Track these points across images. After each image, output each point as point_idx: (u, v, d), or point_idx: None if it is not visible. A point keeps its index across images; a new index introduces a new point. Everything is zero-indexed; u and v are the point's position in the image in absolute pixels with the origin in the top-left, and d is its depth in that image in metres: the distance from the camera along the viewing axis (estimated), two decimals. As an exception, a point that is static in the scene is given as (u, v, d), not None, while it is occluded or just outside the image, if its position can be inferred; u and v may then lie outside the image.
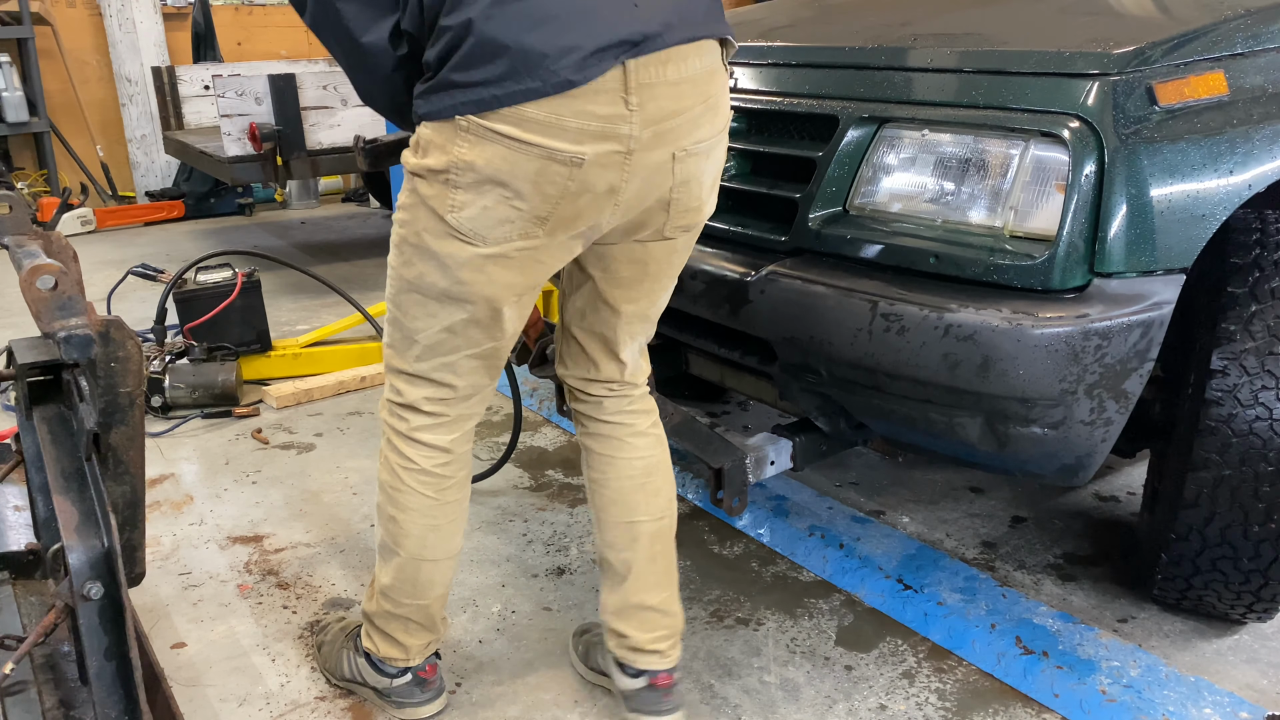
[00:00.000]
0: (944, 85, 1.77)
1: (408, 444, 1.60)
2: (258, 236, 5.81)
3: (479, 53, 1.31)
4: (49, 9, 6.21)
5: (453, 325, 1.49)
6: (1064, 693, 1.84)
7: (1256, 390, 1.70)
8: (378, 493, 1.67)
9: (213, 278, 3.36)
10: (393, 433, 1.62)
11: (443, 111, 1.35)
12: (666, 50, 1.35)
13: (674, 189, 1.45)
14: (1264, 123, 1.65)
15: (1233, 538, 1.78)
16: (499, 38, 1.30)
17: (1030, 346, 1.54)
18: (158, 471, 2.80)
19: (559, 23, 1.30)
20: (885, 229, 1.78)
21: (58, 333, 1.19)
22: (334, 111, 4.38)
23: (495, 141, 1.33)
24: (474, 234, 1.40)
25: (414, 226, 1.44)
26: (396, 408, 1.60)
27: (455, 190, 1.38)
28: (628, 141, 1.35)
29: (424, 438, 1.60)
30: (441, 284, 1.45)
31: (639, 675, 1.74)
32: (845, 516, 2.46)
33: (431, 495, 1.62)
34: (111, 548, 1.07)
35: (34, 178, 6.18)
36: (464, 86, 1.32)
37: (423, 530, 1.64)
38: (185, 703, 1.85)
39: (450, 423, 1.60)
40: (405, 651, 1.74)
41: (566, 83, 1.30)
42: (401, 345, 1.55)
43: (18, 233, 1.48)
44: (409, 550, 1.65)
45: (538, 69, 1.30)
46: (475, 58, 1.31)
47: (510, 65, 1.30)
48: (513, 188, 1.36)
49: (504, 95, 1.31)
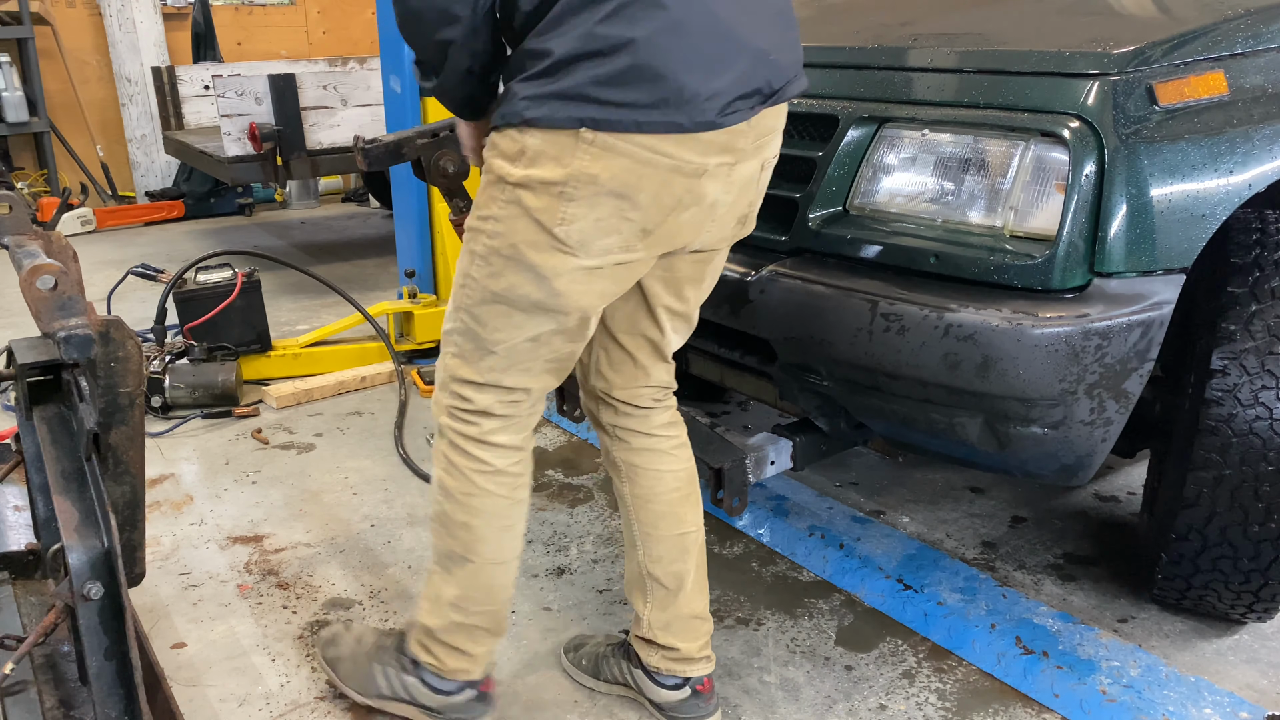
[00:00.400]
0: (944, 85, 1.77)
1: (481, 448, 1.55)
2: (258, 236, 5.81)
3: (634, 76, 1.27)
4: (49, 9, 6.21)
5: (539, 335, 1.45)
6: (1064, 693, 1.84)
7: (1256, 390, 1.70)
8: (441, 502, 1.60)
9: (213, 278, 3.36)
10: (462, 439, 1.55)
11: (566, 122, 1.29)
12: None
13: (753, 201, 1.51)
14: (1264, 123, 1.65)
15: (1233, 538, 1.78)
16: (659, 67, 1.27)
17: (1030, 346, 1.54)
18: (158, 471, 2.80)
19: (714, 65, 1.30)
20: (885, 229, 1.78)
21: (58, 333, 1.19)
22: (334, 111, 4.38)
23: (623, 155, 1.30)
24: (579, 246, 1.35)
25: (510, 238, 1.38)
26: (464, 414, 1.54)
27: (568, 203, 1.33)
28: (739, 154, 1.39)
29: (498, 439, 1.55)
30: (535, 295, 1.41)
31: (683, 685, 1.75)
32: (845, 516, 2.46)
33: (505, 495, 1.58)
34: (111, 548, 1.07)
35: (34, 178, 6.18)
36: (602, 103, 1.27)
37: (498, 533, 1.59)
38: (185, 703, 1.85)
39: (522, 421, 1.56)
40: (472, 662, 1.69)
41: (709, 124, 1.32)
42: (474, 355, 1.49)
43: (18, 233, 1.48)
44: (484, 555, 1.60)
45: (687, 106, 1.29)
46: (628, 79, 1.27)
47: (663, 97, 1.28)
48: (632, 200, 1.33)
49: (647, 123, 1.28)
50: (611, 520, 2.48)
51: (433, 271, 3.74)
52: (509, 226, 1.38)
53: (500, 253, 1.40)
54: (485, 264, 1.43)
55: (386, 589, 2.22)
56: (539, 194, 1.33)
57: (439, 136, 1.94)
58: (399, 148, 1.93)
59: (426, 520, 2.35)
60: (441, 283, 3.73)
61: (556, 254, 1.37)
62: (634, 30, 1.25)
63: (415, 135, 1.94)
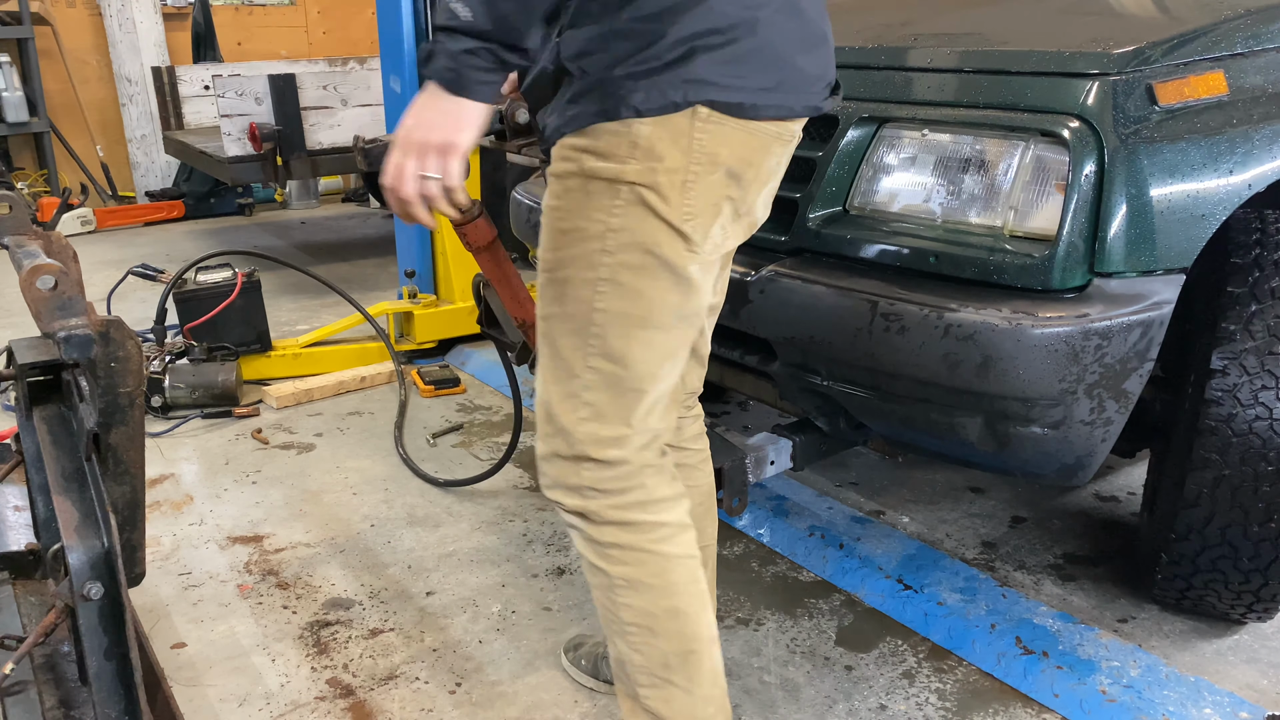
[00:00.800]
0: (944, 85, 1.77)
1: (652, 509, 1.31)
2: (258, 236, 5.81)
3: (757, 58, 1.20)
4: (49, 9, 6.21)
5: (679, 352, 1.30)
6: (1064, 693, 1.84)
7: (1256, 390, 1.70)
8: (628, 606, 1.31)
9: (213, 278, 3.36)
10: (621, 512, 1.29)
11: (680, 104, 1.17)
12: None
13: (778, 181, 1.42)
14: (1264, 123, 1.65)
15: (1233, 537, 1.78)
16: (780, 49, 1.22)
17: (1030, 346, 1.54)
18: (158, 471, 2.80)
19: (814, 48, 1.28)
20: (885, 229, 1.78)
21: (58, 333, 1.19)
22: (334, 111, 4.38)
23: (738, 129, 1.22)
24: (701, 237, 1.24)
25: (642, 245, 1.21)
26: (615, 484, 1.29)
27: (689, 191, 1.21)
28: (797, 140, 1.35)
29: (665, 492, 1.32)
30: (678, 303, 1.26)
31: None
32: (845, 516, 2.46)
33: (693, 552, 1.35)
34: (111, 548, 1.07)
35: (34, 178, 6.18)
36: (722, 86, 1.18)
37: (699, 603, 1.34)
38: (185, 703, 1.85)
39: (668, 461, 1.35)
40: None
41: (815, 109, 1.29)
42: (619, 407, 1.27)
43: (18, 233, 1.48)
44: (703, 635, 1.34)
45: (803, 91, 1.26)
46: (750, 60, 1.20)
47: (782, 79, 1.23)
48: (739, 179, 1.25)
49: (765, 106, 1.22)
50: (611, 520, 2.48)
51: (432, 271, 3.74)
52: (637, 233, 1.21)
53: (631, 266, 1.22)
54: (616, 288, 1.23)
55: (386, 589, 2.22)
56: (664, 187, 1.20)
57: None
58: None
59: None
60: (441, 283, 3.73)
61: (687, 253, 1.24)
62: (755, 9, 1.18)
63: None
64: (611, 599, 1.32)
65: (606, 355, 1.26)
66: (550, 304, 1.28)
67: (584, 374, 1.27)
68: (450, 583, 2.24)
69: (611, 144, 1.20)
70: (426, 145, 1.18)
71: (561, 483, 1.31)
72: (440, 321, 3.65)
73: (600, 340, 1.25)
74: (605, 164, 1.20)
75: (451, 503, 2.60)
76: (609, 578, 1.31)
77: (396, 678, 1.93)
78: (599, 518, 1.30)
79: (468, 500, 2.61)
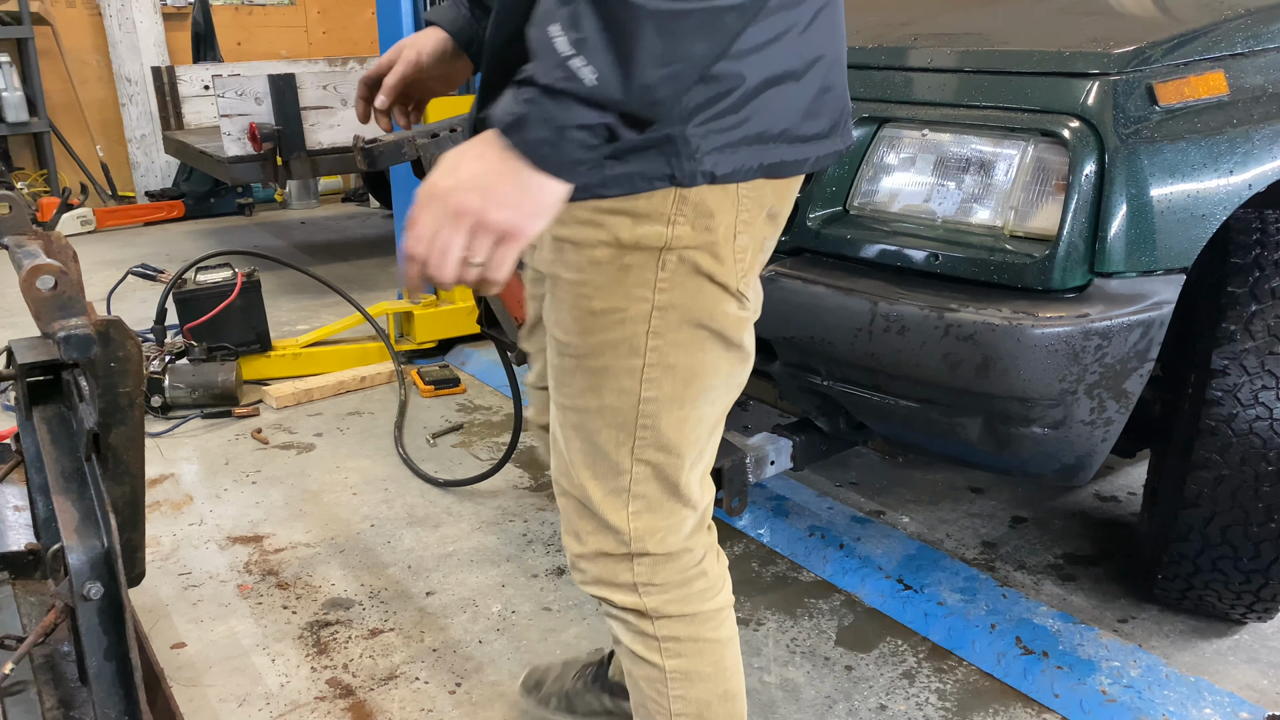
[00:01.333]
0: (944, 85, 1.77)
1: (714, 597, 1.20)
2: (258, 236, 5.81)
3: (822, 100, 1.04)
4: (49, 9, 6.21)
5: (724, 418, 1.18)
6: (1064, 693, 1.84)
7: (1257, 390, 1.70)
8: (684, 691, 1.21)
9: (212, 278, 3.36)
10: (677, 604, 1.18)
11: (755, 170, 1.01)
12: None
13: None
14: (1264, 122, 1.65)
15: (1233, 537, 1.78)
16: (838, 85, 1.06)
17: (1030, 346, 1.54)
18: (158, 471, 2.80)
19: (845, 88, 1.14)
20: (885, 229, 1.78)
21: (58, 333, 1.19)
22: (334, 111, 4.38)
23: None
24: (754, 295, 1.12)
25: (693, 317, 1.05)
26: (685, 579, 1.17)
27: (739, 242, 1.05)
28: None
29: (720, 572, 1.22)
30: (728, 372, 1.12)
31: None
32: (845, 516, 2.46)
33: (736, 627, 1.25)
34: (111, 548, 1.07)
35: (34, 178, 6.18)
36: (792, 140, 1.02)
37: (742, 679, 1.27)
38: (185, 703, 1.85)
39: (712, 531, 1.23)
40: None
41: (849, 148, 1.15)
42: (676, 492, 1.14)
43: (18, 233, 1.48)
44: (743, 712, 1.27)
45: (846, 132, 1.11)
46: (819, 106, 1.04)
47: (836, 122, 1.07)
48: (779, 215, 1.10)
49: (824, 156, 1.07)
50: (611, 520, 2.48)
51: (433, 271, 3.73)
52: (690, 308, 1.04)
53: (683, 345, 1.06)
54: (667, 372, 1.07)
55: (386, 589, 2.22)
56: (718, 246, 1.02)
57: (439, 136, 1.94)
58: (399, 148, 1.93)
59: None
60: (441, 283, 3.72)
61: (740, 315, 1.09)
62: (820, 46, 1.01)
63: (415, 135, 1.93)
64: (662, 692, 1.21)
65: (659, 446, 1.10)
66: (582, 395, 1.09)
67: (633, 468, 1.11)
68: (450, 583, 2.24)
69: (655, 203, 0.99)
70: (484, 223, 0.87)
71: (610, 581, 1.17)
72: (440, 321, 3.65)
73: (651, 432, 1.09)
74: (648, 229, 1.00)
75: (451, 503, 2.60)
76: (662, 671, 1.20)
77: (396, 678, 1.93)
78: (658, 613, 1.17)
79: (468, 500, 2.61)
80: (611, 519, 1.13)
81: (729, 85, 0.95)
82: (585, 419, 1.11)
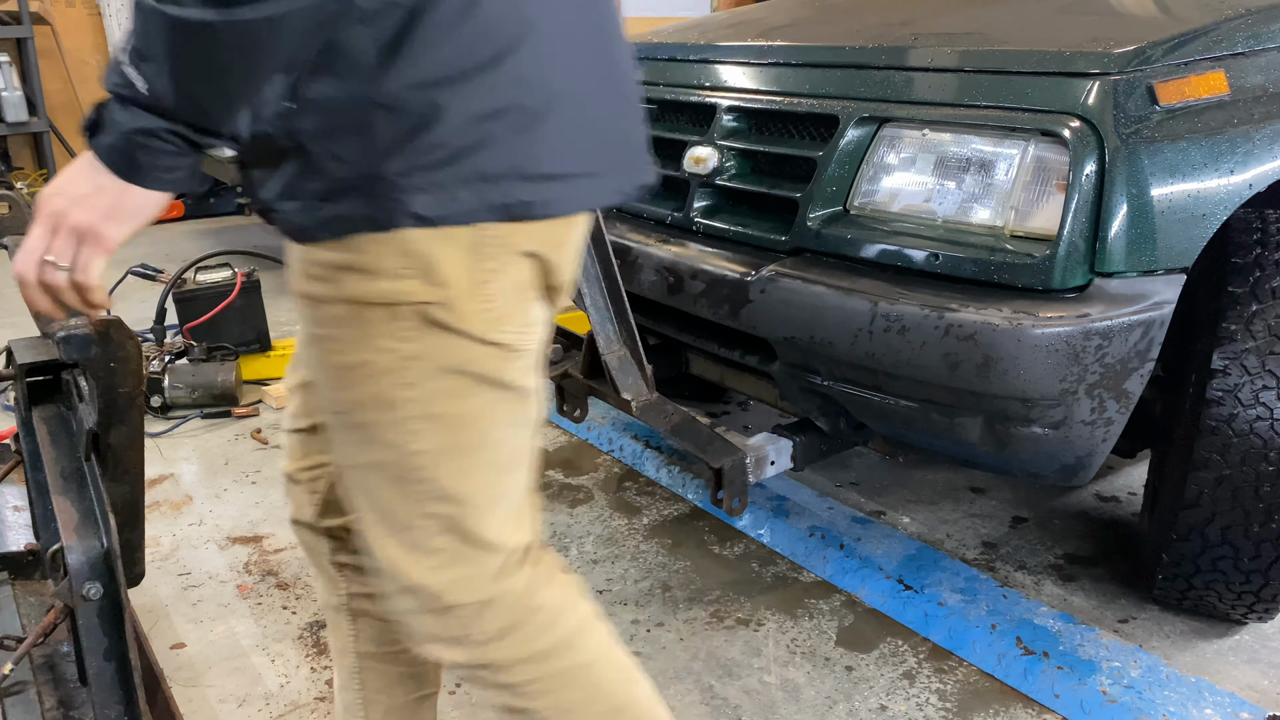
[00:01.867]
0: (944, 85, 1.77)
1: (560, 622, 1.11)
2: (258, 236, 5.81)
3: (585, 140, 1.01)
4: (49, 9, 6.21)
5: (524, 457, 1.09)
6: (1065, 693, 1.84)
7: (1257, 390, 1.70)
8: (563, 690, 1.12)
9: (212, 277, 3.36)
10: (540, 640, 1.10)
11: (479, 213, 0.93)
12: None
13: None
14: (1265, 122, 1.65)
15: (1233, 538, 1.78)
16: (607, 123, 1.03)
17: (1031, 346, 1.54)
18: (157, 471, 2.80)
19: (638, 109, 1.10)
20: (885, 229, 1.78)
21: (57, 333, 1.19)
22: (334, 111, 4.38)
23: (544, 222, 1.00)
24: (518, 337, 1.02)
25: (448, 374, 0.98)
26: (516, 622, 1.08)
27: (486, 292, 0.97)
28: None
29: (558, 595, 1.12)
30: (508, 414, 1.04)
31: None
32: (845, 517, 2.46)
33: (608, 633, 1.16)
34: (111, 548, 1.06)
35: (34, 178, 6.18)
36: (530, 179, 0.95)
37: (633, 682, 1.17)
38: (185, 703, 1.84)
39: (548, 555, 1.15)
40: None
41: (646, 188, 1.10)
42: (476, 539, 1.05)
43: (17, 233, 1.48)
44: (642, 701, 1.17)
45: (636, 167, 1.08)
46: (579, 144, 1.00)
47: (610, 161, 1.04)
48: (550, 258, 1.02)
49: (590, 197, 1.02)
50: (612, 520, 2.48)
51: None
52: (438, 357, 0.98)
53: (445, 393, 0.99)
54: (432, 422, 1.00)
55: (386, 589, 2.22)
56: (455, 301, 0.95)
57: None
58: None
59: None
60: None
61: (505, 360, 1.01)
62: (580, 78, 0.96)
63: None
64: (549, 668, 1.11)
65: (441, 498, 1.02)
66: (354, 452, 1.04)
67: (421, 523, 1.03)
68: (450, 583, 2.24)
69: (377, 256, 0.92)
70: (66, 226, 0.90)
71: (440, 637, 1.07)
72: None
73: (430, 484, 1.01)
74: (374, 284, 0.93)
75: (451, 503, 2.60)
76: (536, 714, 1.11)
77: (396, 678, 1.92)
78: (500, 663, 1.08)
79: (468, 500, 2.60)
80: (415, 578, 1.04)
81: (422, 118, 0.88)
82: (363, 477, 1.05)
